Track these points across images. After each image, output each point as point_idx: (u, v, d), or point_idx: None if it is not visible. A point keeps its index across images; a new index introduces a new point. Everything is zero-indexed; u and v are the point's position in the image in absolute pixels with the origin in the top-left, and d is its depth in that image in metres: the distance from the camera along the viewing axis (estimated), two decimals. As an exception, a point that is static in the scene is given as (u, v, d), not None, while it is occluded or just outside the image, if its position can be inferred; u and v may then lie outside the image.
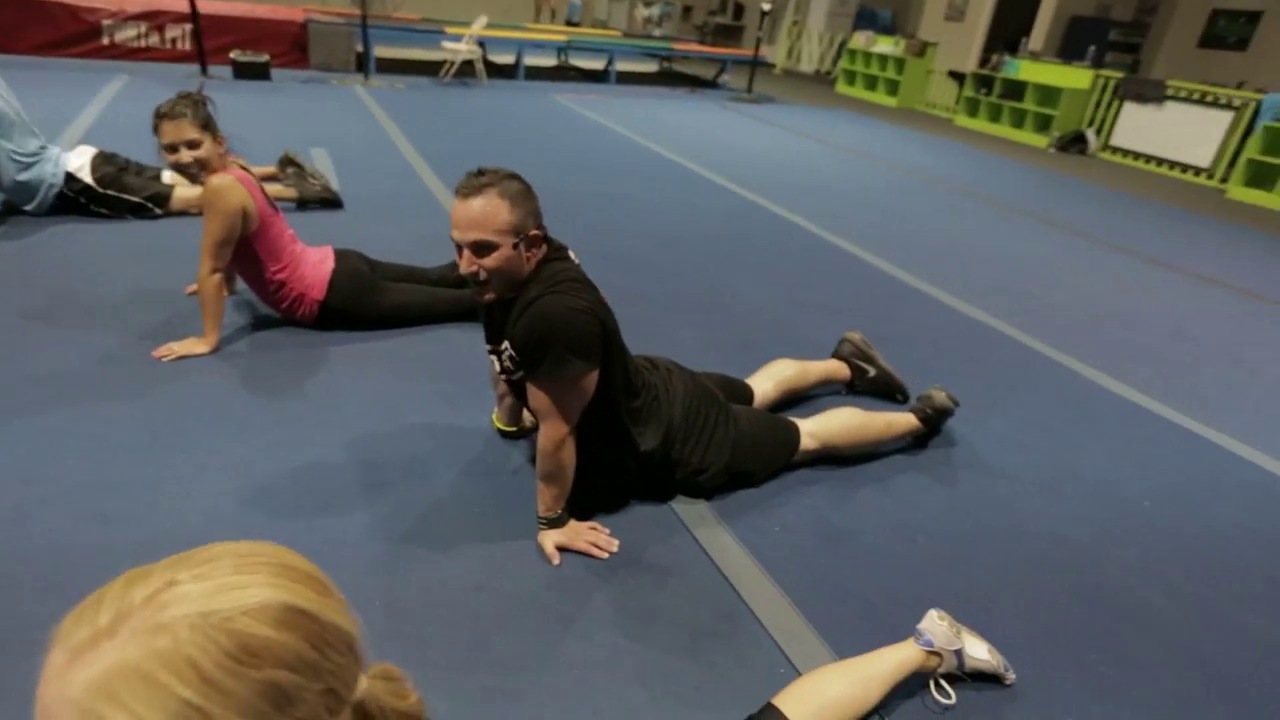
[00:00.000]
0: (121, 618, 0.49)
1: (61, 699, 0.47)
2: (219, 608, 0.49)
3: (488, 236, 1.53)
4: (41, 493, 1.75)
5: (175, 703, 0.47)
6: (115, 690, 0.46)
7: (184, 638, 0.48)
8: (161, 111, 2.24)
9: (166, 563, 0.53)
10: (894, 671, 1.41)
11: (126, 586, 0.51)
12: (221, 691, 0.48)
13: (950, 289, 3.72)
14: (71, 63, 6.84)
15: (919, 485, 2.15)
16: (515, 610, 1.57)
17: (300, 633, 0.52)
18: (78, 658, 0.48)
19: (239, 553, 0.54)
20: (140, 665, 0.47)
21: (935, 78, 10.66)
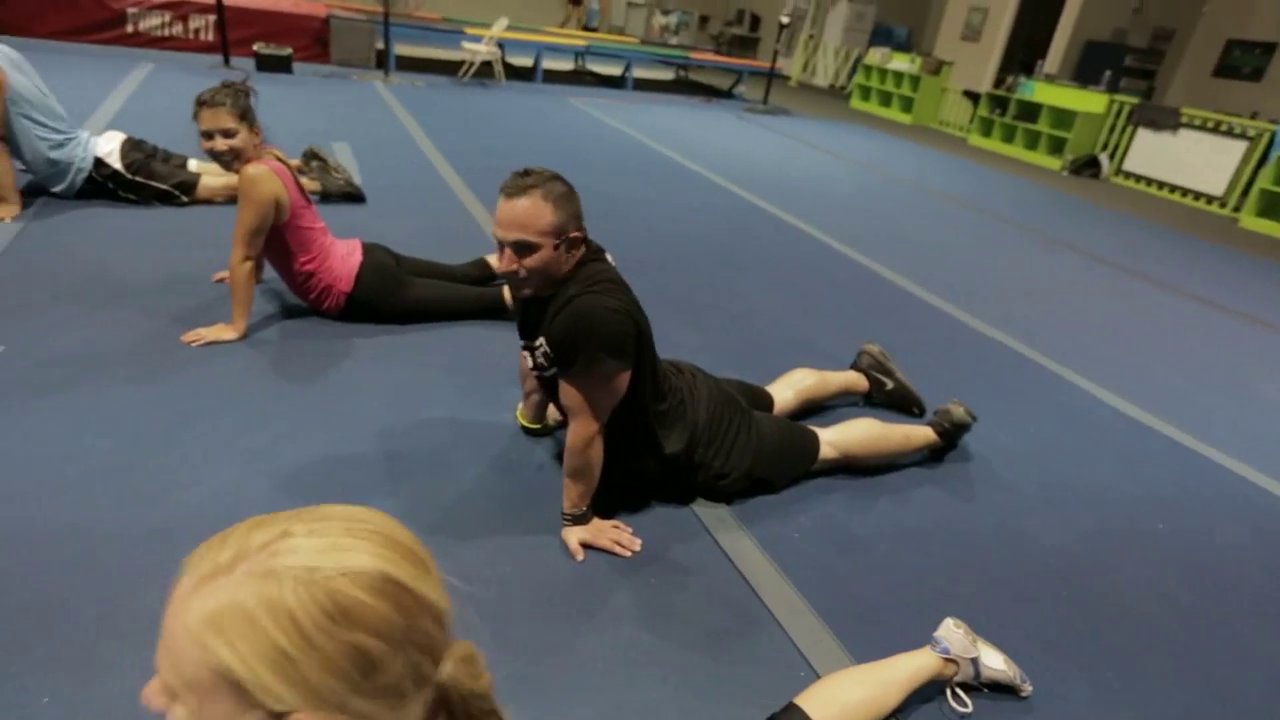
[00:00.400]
0: (239, 558, 0.53)
1: (180, 624, 0.53)
2: (323, 565, 0.53)
3: (530, 237, 1.55)
4: (67, 471, 1.78)
5: (271, 648, 0.51)
6: (223, 626, 0.51)
7: (288, 589, 0.52)
8: (202, 99, 2.27)
9: (286, 514, 0.57)
10: (911, 677, 1.43)
11: (249, 530, 0.55)
12: (313, 646, 0.52)
13: (960, 304, 3.75)
14: (95, 49, 6.89)
15: (934, 497, 2.17)
16: (538, 603, 1.60)
17: (393, 603, 0.55)
18: (199, 588, 0.53)
19: (350, 516, 0.58)
20: (247, 607, 0.51)
21: (950, 96, 10.73)
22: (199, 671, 0.52)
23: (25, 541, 1.56)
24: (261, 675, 0.51)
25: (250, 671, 0.51)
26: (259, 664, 0.51)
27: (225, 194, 3.62)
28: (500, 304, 2.80)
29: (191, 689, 0.53)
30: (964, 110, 10.47)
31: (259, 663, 0.51)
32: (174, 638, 0.53)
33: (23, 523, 1.61)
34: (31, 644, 1.35)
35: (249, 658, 0.51)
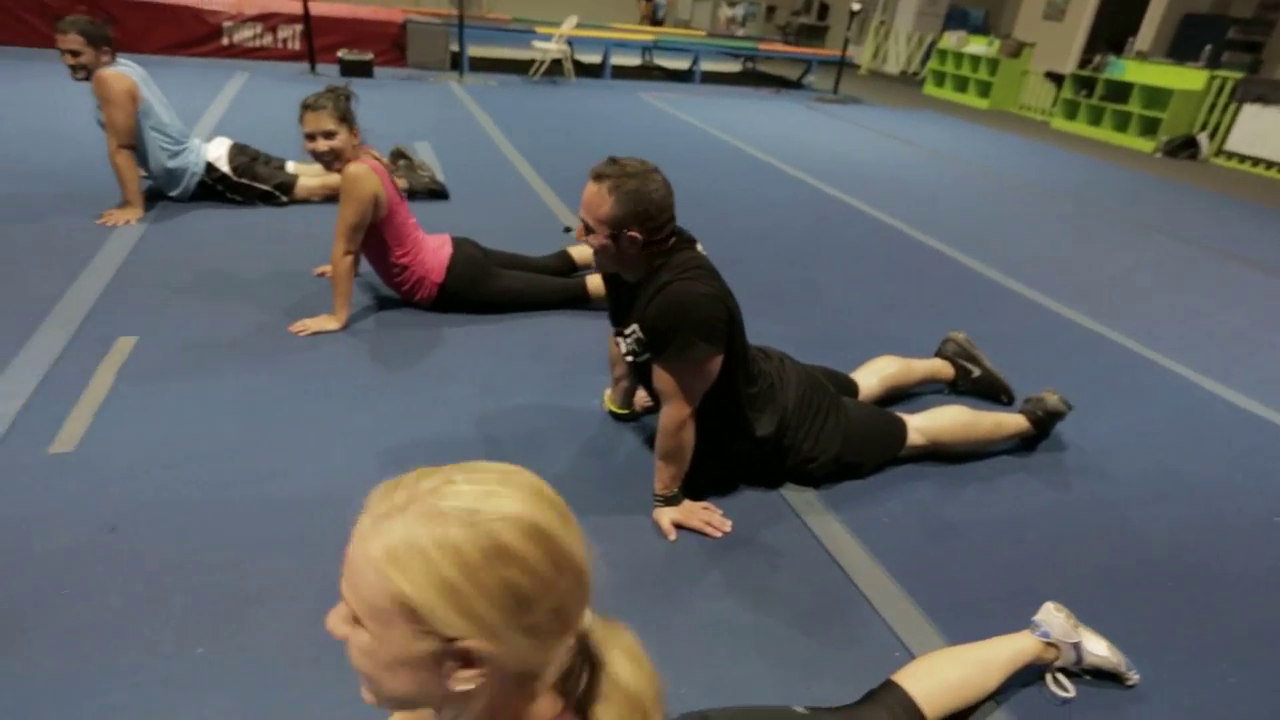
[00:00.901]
0: (411, 499, 0.60)
1: (363, 555, 0.60)
2: (483, 509, 0.60)
3: (588, 220, 1.65)
4: (202, 447, 1.93)
5: (441, 579, 0.58)
6: (399, 557, 0.58)
7: (453, 528, 0.58)
8: (307, 103, 2.41)
9: (450, 467, 0.64)
10: (1011, 659, 1.42)
11: (418, 477, 0.62)
12: (475, 579, 0.58)
13: (1047, 291, 3.63)
14: (196, 61, 7.33)
15: (1026, 486, 2.13)
16: (632, 579, 1.65)
17: (542, 549, 0.61)
18: (377, 525, 0.60)
19: (505, 470, 0.64)
20: (419, 541, 0.58)
21: (1031, 79, 10.31)
22: (380, 599, 0.59)
23: (169, 510, 1.71)
24: (434, 602, 0.58)
25: (424, 599, 0.58)
26: (431, 592, 0.58)
27: (321, 193, 3.82)
28: (583, 294, 2.87)
29: (373, 616, 0.60)
30: (1046, 93, 10.04)
31: (431, 591, 0.58)
32: (357, 568, 0.60)
33: (167, 494, 1.76)
34: (173, 601, 1.48)
35: (423, 587, 0.58)
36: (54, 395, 2.06)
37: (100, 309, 2.54)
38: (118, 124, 3.17)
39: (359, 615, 0.61)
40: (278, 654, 1.39)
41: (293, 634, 1.44)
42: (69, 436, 1.91)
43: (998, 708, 1.42)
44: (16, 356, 2.22)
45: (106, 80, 3.10)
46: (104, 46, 3.11)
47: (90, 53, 3.07)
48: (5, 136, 4.29)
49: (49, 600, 1.45)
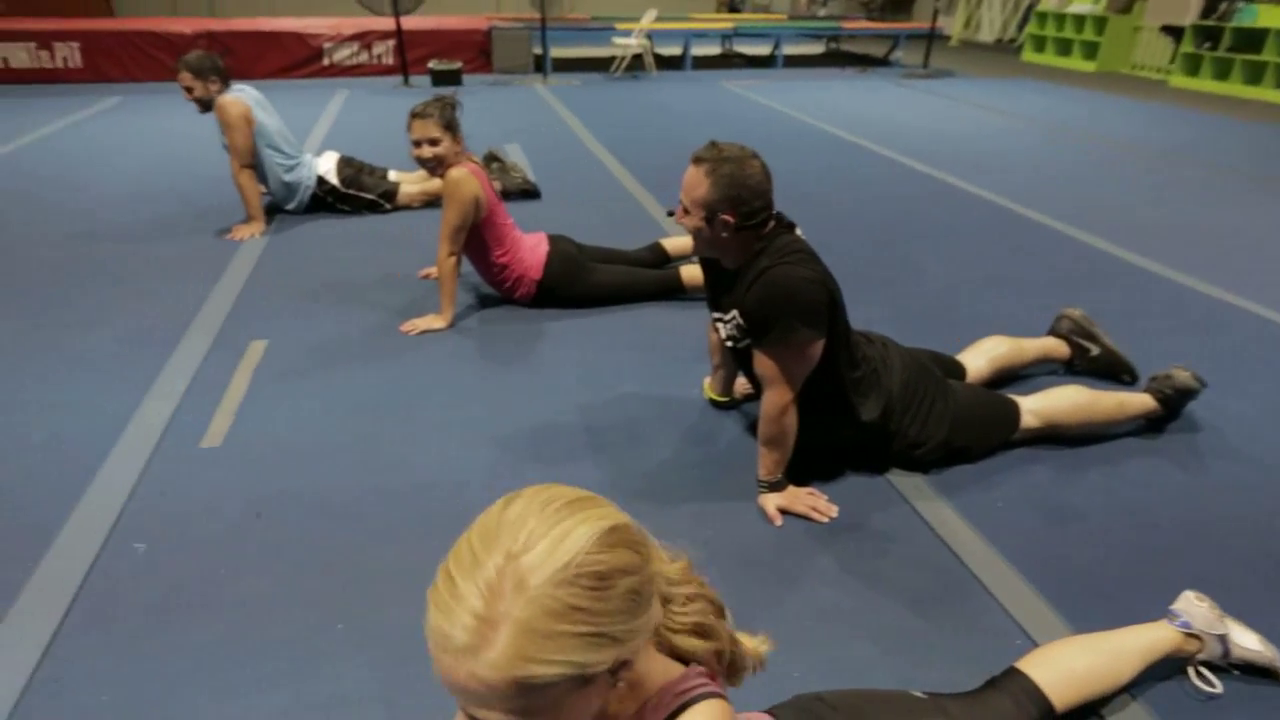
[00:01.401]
0: (493, 600, 0.57)
1: (480, 684, 0.57)
2: (566, 559, 0.59)
3: (686, 202, 1.68)
4: (329, 442, 2.07)
5: (577, 639, 0.58)
6: (527, 653, 0.57)
7: (559, 593, 0.58)
8: (414, 111, 2.54)
9: (480, 540, 0.61)
10: (1147, 650, 1.35)
11: (469, 575, 0.58)
12: (601, 614, 0.59)
13: (1172, 261, 3.38)
14: (300, 82, 7.80)
15: (1155, 469, 2.01)
16: (741, 564, 1.67)
17: (622, 545, 0.63)
18: (478, 649, 0.56)
19: (534, 507, 0.63)
20: (536, 628, 0.57)
21: (1144, 35, 9.57)
22: (530, 699, 0.57)
23: (306, 498, 1.85)
24: (584, 659, 0.59)
25: (573, 665, 0.58)
26: (577, 655, 0.58)
27: (421, 199, 4.00)
28: (678, 284, 2.90)
29: (533, 713, 0.59)
30: (1162, 49, 9.30)
31: (577, 654, 0.58)
32: (485, 698, 0.57)
33: (303, 483, 1.90)
34: (314, 581, 1.60)
35: (567, 657, 0.58)
36: (201, 395, 2.26)
37: (234, 316, 2.76)
38: (237, 146, 3.43)
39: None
40: (409, 632, 1.49)
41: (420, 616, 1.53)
42: (216, 432, 2.09)
43: (1133, 700, 1.36)
44: (168, 361, 2.45)
45: (224, 106, 3.36)
46: (212, 77, 3.35)
47: (200, 85, 3.33)
48: (144, 164, 4.71)
49: (209, 579, 1.61)
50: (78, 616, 1.51)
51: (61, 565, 1.64)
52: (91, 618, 1.51)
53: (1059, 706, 1.25)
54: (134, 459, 1.97)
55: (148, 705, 1.33)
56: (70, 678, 1.38)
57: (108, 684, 1.37)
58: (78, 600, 1.55)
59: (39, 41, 7.34)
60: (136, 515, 1.79)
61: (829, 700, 1.13)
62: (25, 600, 1.55)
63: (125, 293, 2.93)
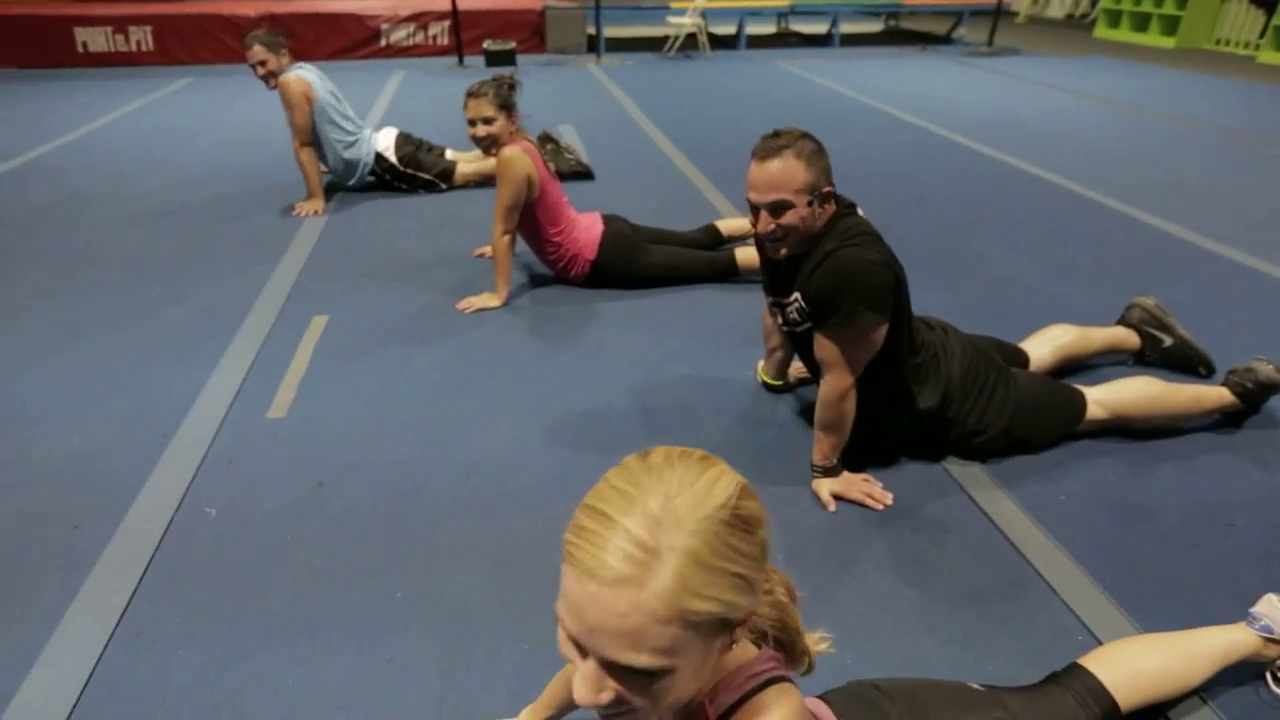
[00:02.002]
0: (656, 531, 0.58)
1: (643, 614, 0.57)
2: (720, 500, 0.60)
3: (786, 196, 1.59)
4: (388, 415, 2.12)
5: (731, 578, 0.60)
6: (690, 585, 0.58)
7: (719, 530, 0.59)
8: (470, 90, 2.56)
9: (629, 484, 0.61)
10: (1222, 653, 1.30)
11: (625, 514, 0.59)
12: (748, 556, 0.61)
13: (1256, 250, 3.20)
14: (359, 63, 7.93)
15: (1232, 467, 1.92)
16: (795, 549, 1.66)
17: (755, 500, 0.64)
18: (642, 580, 0.57)
19: (674, 458, 0.64)
20: (699, 559, 0.58)
21: (1230, 8, 9.04)
22: (686, 635, 0.58)
23: (366, 471, 1.90)
24: (736, 599, 0.60)
25: (724, 603, 0.59)
26: (731, 594, 0.60)
27: (476, 178, 4.04)
28: (732, 267, 2.87)
29: (680, 653, 0.59)
30: (1251, 22, 8.77)
31: (731, 593, 0.60)
32: (643, 633, 0.57)
33: (362, 456, 1.96)
34: (374, 551, 1.65)
35: (721, 593, 0.59)
36: (267, 367, 2.34)
37: (297, 292, 2.84)
38: (297, 124, 3.51)
39: (659, 666, 0.59)
40: (465, 603, 1.53)
41: (478, 586, 1.57)
42: (281, 404, 2.16)
43: (1204, 704, 1.31)
44: (236, 335, 2.54)
45: (286, 84, 3.44)
46: (283, 50, 3.44)
47: (274, 58, 3.41)
48: (213, 144, 4.86)
49: (276, 545, 1.67)
50: (155, 575, 1.59)
51: (139, 526, 1.72)
52: (169, 577, 1.58)
53: (1124, 706, 1.21)
54: (205, 428, 2.06)
55: (222, 663, 1.39)
56: (150, 633, 1.46)
57: (184, 641, 1.44)
58: (154, 560, 1.63)
59: (115, 26, 7.62)
60: (207, 481, 1.86)
61: (884, 688, 1.12)
62: (108, 557, 1.63)
63: (197, 269, 3.04)
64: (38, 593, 1.54)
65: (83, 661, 1.39)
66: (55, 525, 1.72)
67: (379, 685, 1.35)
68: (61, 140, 4.89)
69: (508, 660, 1.40)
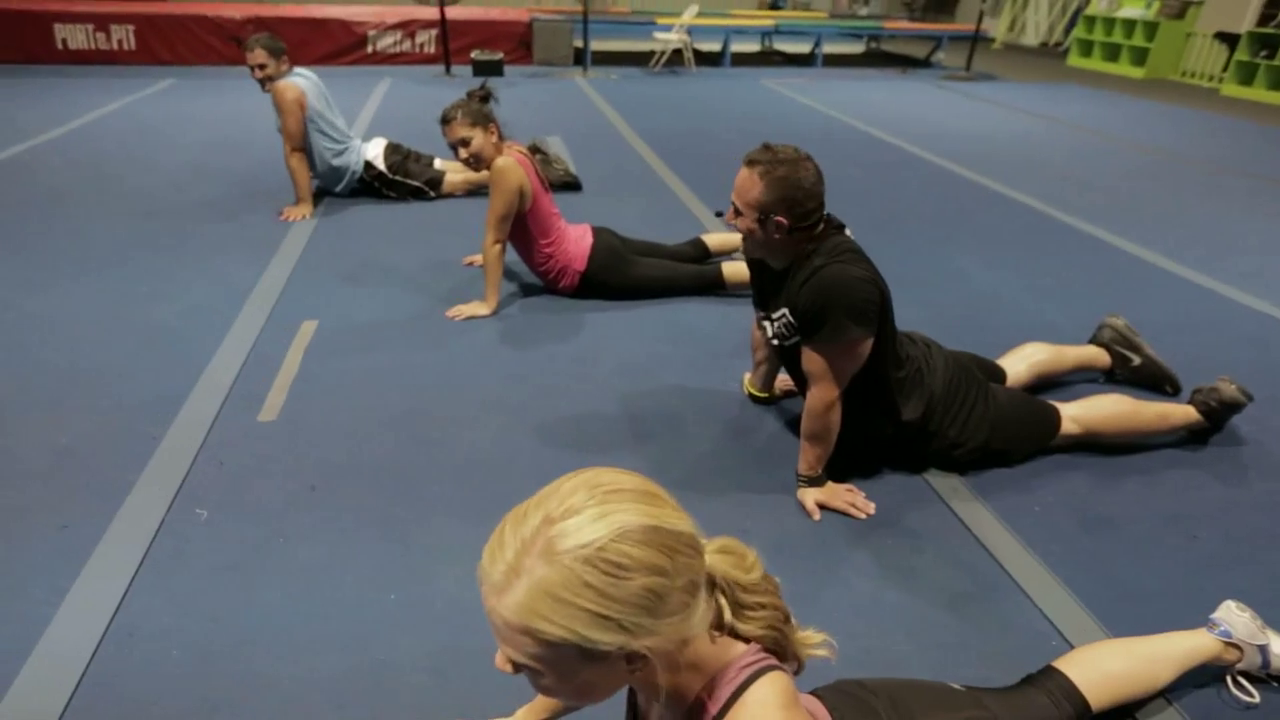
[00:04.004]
0: (522, 554, 0.64)
1: (504, 622, 0.65)
2: (593, 539, 0.64)
3: (738, 203, 1.72)
4: (377, 418, 2.14)
5: (583, 613, 0.63)
6: (537, 609, 0.63)
7: (575, 566, 0.63)
8: (441, 118, 2.61)
9: (535, 500, 0.68)
10: (1184, 657, 1.36)
11: (515, 527, 0.67)
12: (611, 599, 0.64)
13: (1217, 275, 3.34)
14: (345, 69, 7.92)
15: (1194, 480, 2.00)
16: (780, 554, 1.70)
17: (655, 546, 0.66)
18: (503, 591, 0.65)
19: (591, 485, 0.68)
20: (549, 590, 0.63)
21: (1196, 42, 9.37)
22: (540, 650, 0.64)
23: (356, 473, 1.92)
24: (586, 633, 0.63)
25: (575, 634, 0.63)
26: (580, 626, 0.63)
27: (464, 187, 4.07)
28: (719, 280, 2.93)
29: (540, 661, 0.65)
30: (1215, 57, 9.10)
31: (580, 625, 0.63)
32: (506, 634, 0.66)
33: (353, 458, 1.97)
34: (366, 552, 1.67)
35: (570, 625, 0.63)
36: (257, 370, 2.35)
37: (286, 295, 2.85)
38: (289, 129, 3.52)
39: (529, 666, 0.66)
40: (457, 604, 1.55)
41: (468, 585, 1.59)
42: (272, 407, 2.17)
43: (1169, 705, 1.37)
44: (227, 335, 2.54)
45: (280, 90, 3.45)
46: (283, 57, 3.47)
47: (274, 64, 3.43)
48: (202, 145, 4.84)
49: (268, 546, 1.68)
50: (147, 575, 1.59)
51: (130, 527, 1.72)
52: (160, 577, 1.59)
53: (1095, 706, 1.27)
54: (195, 431, 2.06)
55: (214, 659, 1.40)
56: (142, 631, 1.46)
57: (176, 639, 1.44)
58: (146, 559, 1.63)
59: (96, 23, 7.54)
60: (198, 484, 1.87)
61: (870, 686, 1.16)
62: (98, 556, 1.63)
63: (185, 270, 3.04)
64: (25, 591, 1.54)
65: (75, 659, 1.39)
66: (42, 523, 1.72)
67: (372, 683, 1.37)
68: (42, 137, 4.84)
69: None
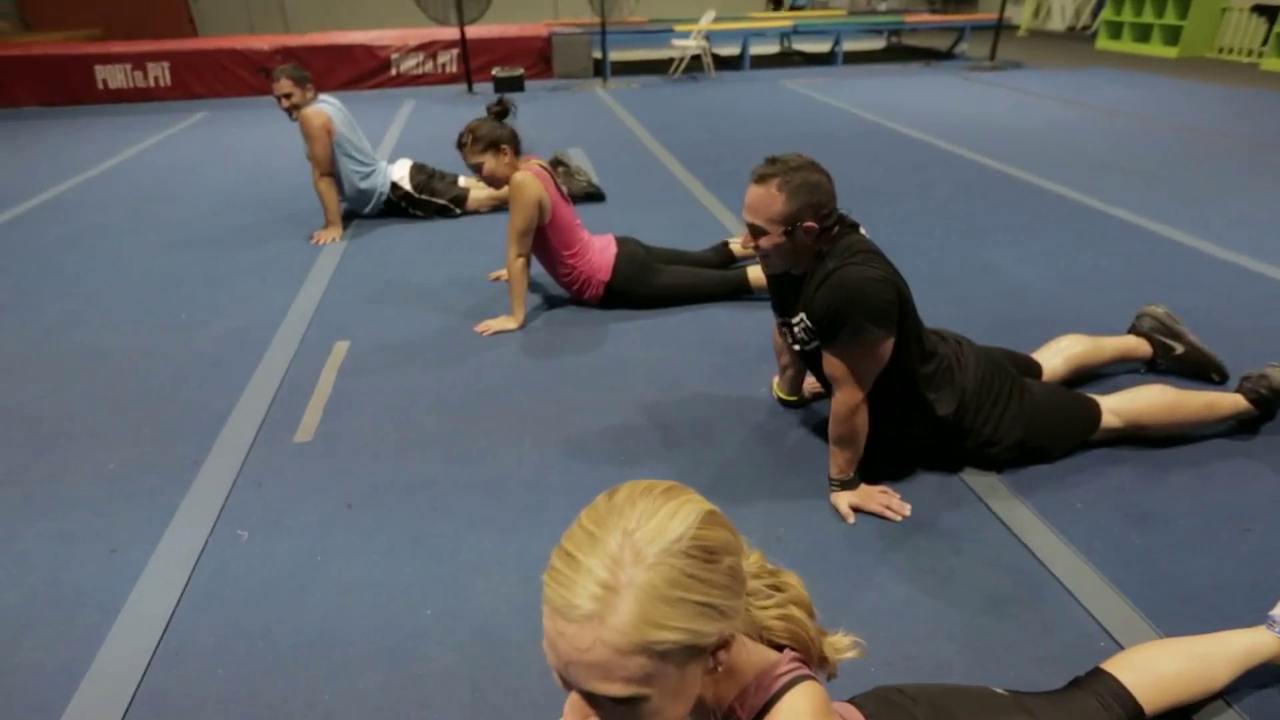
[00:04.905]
0: (615, 569, 0.62)
1: (606, 647, 0.61)
2: (679, 533, 0.64)
3: (759, 223, 1.67)
4: (411, 437, 2.17)
5: (694, 606, 0.63)
6: (652, 617, 0.62)
7: (676, 562, 0.63)
8: (457, 144, 2.66)
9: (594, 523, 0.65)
10: (1243, 657, 1.31)
11: (591, 552, 0.63)
12: (712, 585, 0.65)
13: (1263, 257, 3.22)
14: (370, 93, 8.09)
15: (1247, 472, 1.93)
16: (814, 560, 1.68)
17: (722, 527, 0.68)
18: (604, 615, 0.60)
19: (643, 492, 0.67)
20: (659, 593, 0.62)
21: (1232, 17, 9.08)
22: (653, 664, 0.61)
23: (392, 491, 1.94)
24: (702, 628, 0.64)
25: (690, 632, 0.63)
26: (696, 623, 0.63)
27: (489, 204, 4.12)
28: (745, 285, 2.92)
29: (652, 681, 0.62)
30: (1253, 30, 8.81)
31: (696, 622, 0.63)
32: (612, 664, 0.60)
33: (388, 477, 2.00)
34: (404, 569, 1.69)
35: (685, 623, 0.62)
36: (292, 392, 2.40)
37: (318, 318, 2.91)
38: (317, 155, 3.61)
39: (632, 695, 0.62)
40: (493, 618, 1.56)
41: (503, 600, 1.60)
42: (307, 427, 2.21)
43: (1228, 708, 1.32)
44: (263, 359, 2.60)
45: (307, 117, 3.54)
46: (309, 85, 3.56)
47: (299, 92, 3.52)
48: (231, 175, 4.98)
49: (306, 564, 1.71)
50: (192, 595, 1.63)
51: (175, 549, 1.77)
52: (205, 596, 1.63)
53: (1148, 710, 1.23)
54: (234, 453, 2.11)
55: (258, 677, 1.43)
56: (188, 650, 1.50)
57: (221, 658, 1.48)
58: (191, 580, 1.67)
59: (134, 63, 7.82)
60: (238, 505, 1.91)
61: (909, 692, 1.14)
62: (146, 578, 1.68)
63: (220, 297, 3.12)
64: (78, 614, 1.59)
65: (128, 677, 1.43)
66: (92, 548, 1.77)
67: (412, 697, 1.39)
68: (82, 176, 5.02)
69: (535, 672, 1.43)
